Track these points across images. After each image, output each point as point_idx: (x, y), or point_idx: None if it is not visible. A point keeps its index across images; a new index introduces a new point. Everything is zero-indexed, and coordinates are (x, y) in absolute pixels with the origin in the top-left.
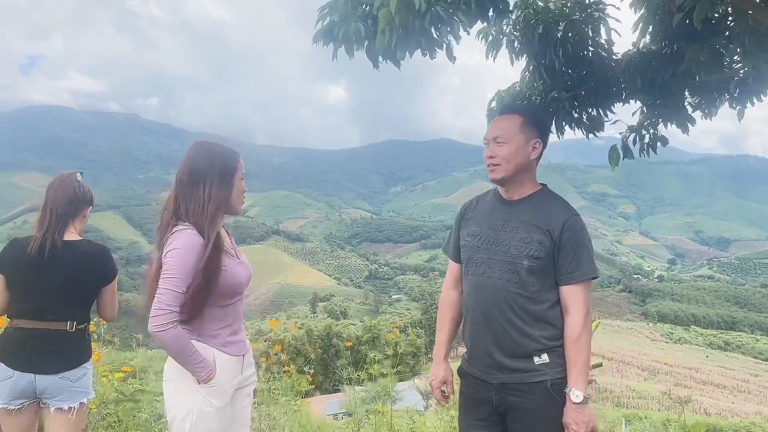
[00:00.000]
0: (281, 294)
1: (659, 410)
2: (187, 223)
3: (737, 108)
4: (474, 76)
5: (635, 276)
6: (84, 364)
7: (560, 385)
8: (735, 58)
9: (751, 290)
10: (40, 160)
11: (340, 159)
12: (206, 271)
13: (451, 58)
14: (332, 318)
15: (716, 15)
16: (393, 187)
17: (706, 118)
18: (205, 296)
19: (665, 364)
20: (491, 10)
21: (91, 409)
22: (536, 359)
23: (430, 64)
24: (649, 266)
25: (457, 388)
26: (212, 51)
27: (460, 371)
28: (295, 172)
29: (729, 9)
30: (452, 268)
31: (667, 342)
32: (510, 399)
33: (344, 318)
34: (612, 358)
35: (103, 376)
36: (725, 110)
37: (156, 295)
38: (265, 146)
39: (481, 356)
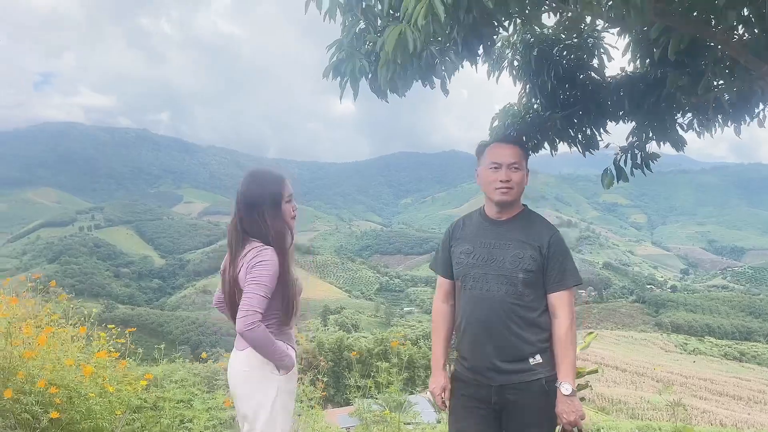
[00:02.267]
0: None
1: (674, 422)
2: (260, 242)
3: (732, 126)
4: (482, 89)
5: (648, 286)
6: None
7: (552, 381)
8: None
9: (766, 300)
10: (53, 176)
11: (349, 172)
12: (287, 283)
13: (445, 91)
14: (343, 331)
15: (695, 42)
16: (403, 198)
17: (700, 137)
18: (291, 301)
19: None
20: (480, 48)
21: (116, 415)
22: (531, 360)
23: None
24: (662, 276)
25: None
26: (222, 66)
27: (456, 376)
28: (305, 185)
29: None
30: (443, 283)
31: (681, 353)
32: (508, 397)
33: (355, 330)
34: (626, 369)
35: (128, 384)
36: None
37: (245, 299)
38: (275, 160)
39: (482, 362)
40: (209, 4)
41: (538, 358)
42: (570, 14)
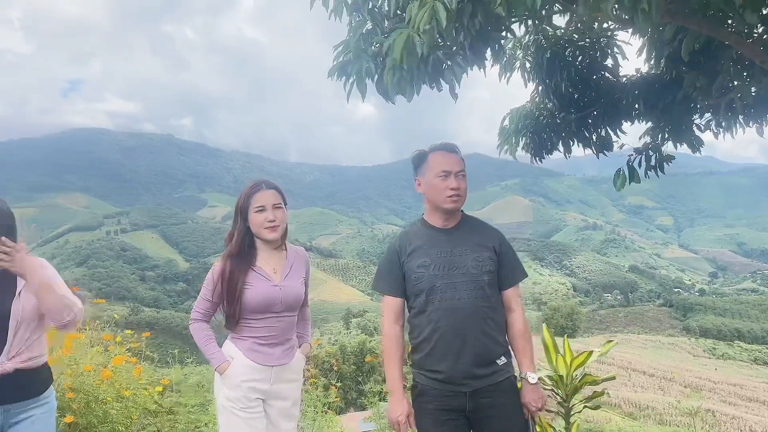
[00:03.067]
0: (315, 310)
1: (702, 428)
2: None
3: (754, 126)
4: (504, 91)
5: (675, 290)
6: None
7: (515, 378)
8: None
9: None
10: (81, 181)
11: (371, 175)
12: (227, 288)
13: (454, 96)
14: (366, 334)
15: (711, 42)
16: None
17: (717, 137)
18: (232, 306)
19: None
20: (488, 51)
21: (132, 419)
22: (498, 361)
23: (461, 80)
24: (689, 280)
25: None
26: (246, 71)
27: (423, 392)
28: (328, 188)
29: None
30: (393, 304)
31: (709, 358)
32: (482, 401)
33: (378, 334)
34: (653, 374)
35: (143, 389)
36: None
37: None
38: (297, 164)
39: (460, 371)
40: (233, 10)
41: (503, 358)
42: (576, 15)
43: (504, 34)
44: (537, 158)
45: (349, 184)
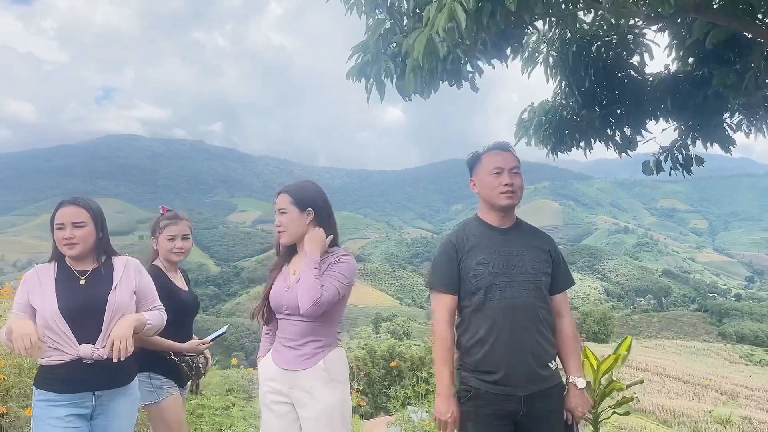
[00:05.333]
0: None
1: None
2: None
3: None
4: (532, 93)
5: (710, 294)
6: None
7: (563, 382)
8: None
9: None
10: (114, 187)
11: (399, 179)
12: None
13: (474, 89)
14: (395, 338)
15: (740, 39)
16: (453, 205)
17: (748, 137)
18: (262, 302)
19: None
20: (508, 49)
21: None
22: (551, 365)
23: (488, 82)
24: (725, 284)
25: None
26: (274, 77)
27: (477, 395)
28: (356, 193)
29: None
30: (447, 301)
31: (746, 364)
32: (535, 406)
33: (407, 338)
34: (688, 380)
35: None
36: None
37: None
38: (325, 168)
39: (520, 372)
40: (260, 17)
41: (553, 363)
42: (601, 12)
43: (526, 30)
44: (554, 153)
45: (378, 188)
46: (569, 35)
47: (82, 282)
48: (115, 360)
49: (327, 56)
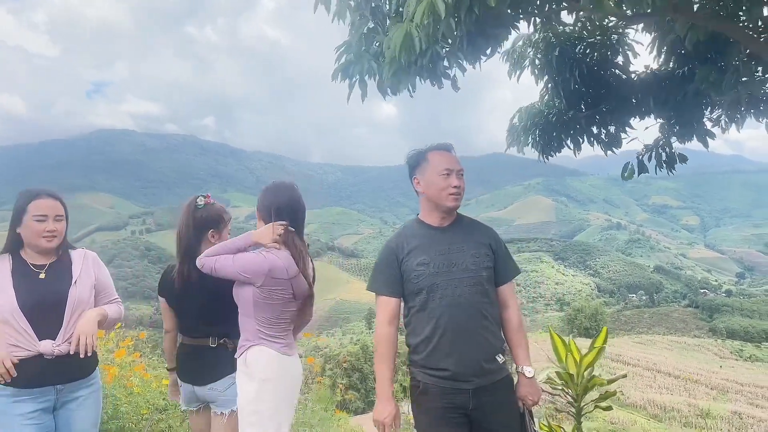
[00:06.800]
0: (337, 310)
1: (729, 431)
2: None
3: (763, 121)
4: (526, 91)
5: (702, 290)
6: (229, 375)
7: (512, 377)
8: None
9: None
10: (107, 182)
11: (393, 175)
12: None
13: (455, 88)
14: None
15: (720, 38)
16: None
17: (725, 133)
18: None
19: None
20: (488, 49)
21: (142, 414)
22: (498, 358)
23: (482, 80)
24: (716, 280)
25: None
26: (267, 72)
27: (425, 390)
28: (350, 189)
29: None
30: (389, 303)
31: (737, 359)
32: (484, 398)
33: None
34: (678, 376)
35: (154, 382)
36: None
37: None
38: (319, 164)
39: (467, 367)
40: (254, 11)
41: (501, 356)
42: (583, 13)
43: (506, 30)
44: (545, 156)
45: (371, 184)
46: (553, 38)
47: (42, 276)
48: (82, 356)
49: (321, 51)
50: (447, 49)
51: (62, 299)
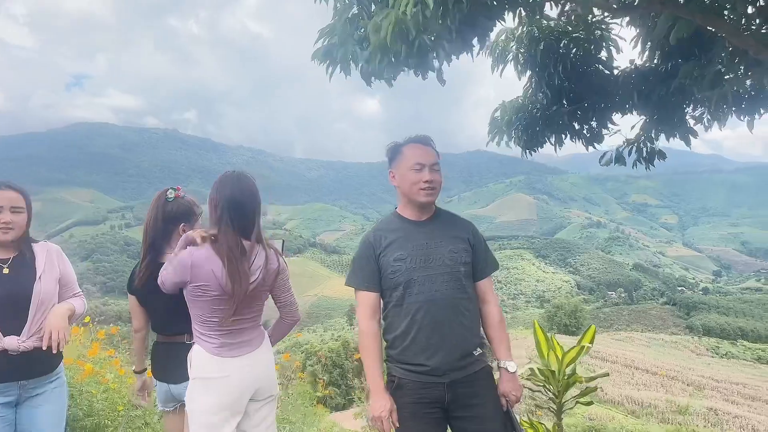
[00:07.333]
0: (318, 306)
1: (705, 426)
2: None
3: (745, 119)
4: (510, 87)
5: (679, 288)
6: None
7: (491, 367)
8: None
9: None
10: (85, 176)
11: (376, 172)
12: None
13: (441, 81)
14: None
15: (704, 33)
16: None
17: (707, 130)
18: None
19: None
20: (475, 39)
21: (118, 411)
22: (475, 352)
23: (466, 77)
24: (693, 278)
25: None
26: (250, 66)
27: (400, 385)
28: (332, 185)
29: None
30: (368, 298)
31: (713, 356)
32: (460, 391)
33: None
34: (656, 372)
35: (130, 378)
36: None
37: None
38: (302, 159)
39: (442, 363)
40: (237, 4)
41: (479, 349)
42: (569, 6)
43: (495, 21)
44: (528, 151)
45: (354, 180)
46: (537, 32)
47: (6, 270)
48: (54, 351)
49: (304, 46)
50: (433, 39)
51: (27, 294)
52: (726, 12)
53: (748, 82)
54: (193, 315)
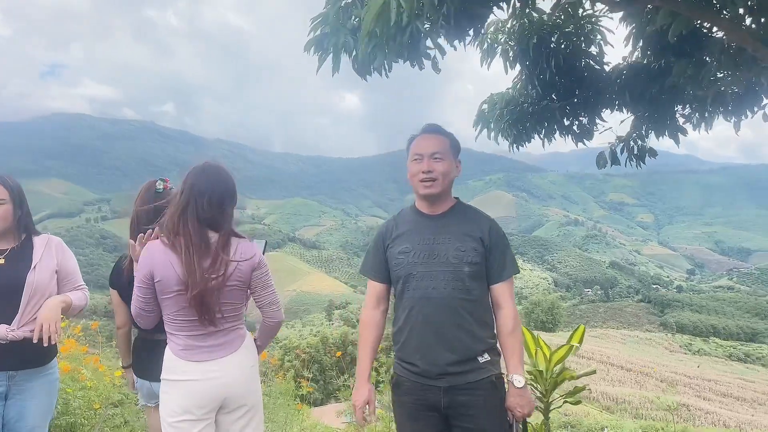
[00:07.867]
0: (297, 301)
1: (677, 422)
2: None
3: (732, 120)
4: (490, 84)
5: (654, 286)
6: None
7: (501, 378)
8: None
9: None
10: (60, 167)
11: (356, 167)
12: None
13: (436, 69)
14: (348, 326)
15: (699, 31)
16: (408, 194)
17: (696, 130)
18: None
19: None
20: (471, 29)
21: (95, 409)
22: (480, 359)
23: (446, 72)
24: (668, 276)
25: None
26: (230, 59)
27: (399, 383)
28: (312, 179)
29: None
30: (375, 287)
31: (686, 353)
32: (459, 398)
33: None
34: (630, 368)
35: (106, 376)
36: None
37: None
38: (281, 154)
39: (434, 365)
40: None
41: (486, 356)
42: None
43: (490, 9)
44: (515, 146)
45: (334, 175)
46: (528, 26)
47: (1, 261)
48: (45, 344)
49: (285, 39)
50: (428, 26)
51: (19, 284)
52: (722, 8)
53: (741, 80)
54: (164, 313)
